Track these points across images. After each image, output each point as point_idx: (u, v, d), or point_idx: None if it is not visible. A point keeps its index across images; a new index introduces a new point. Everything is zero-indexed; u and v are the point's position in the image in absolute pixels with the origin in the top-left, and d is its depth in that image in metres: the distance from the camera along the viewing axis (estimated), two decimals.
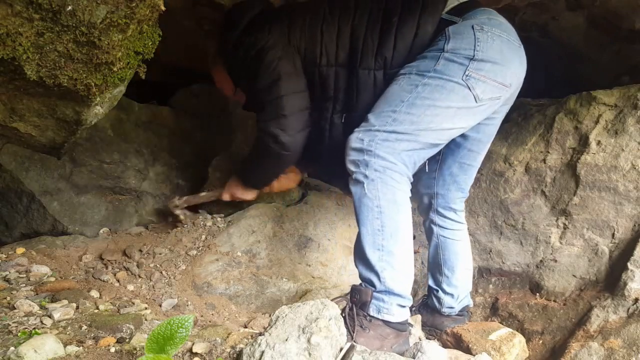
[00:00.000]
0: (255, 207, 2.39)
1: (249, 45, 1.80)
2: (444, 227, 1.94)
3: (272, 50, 1.75)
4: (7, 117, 1.58)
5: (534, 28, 2.56)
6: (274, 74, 1.75)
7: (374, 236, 1.51)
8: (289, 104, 1.77)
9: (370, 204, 1.52)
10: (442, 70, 1.55)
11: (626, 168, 2.04)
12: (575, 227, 2.15)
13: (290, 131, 1.80)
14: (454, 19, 1.64)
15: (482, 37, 1.57)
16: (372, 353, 1.23)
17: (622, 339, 1.73)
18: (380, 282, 1.49)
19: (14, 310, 1.43)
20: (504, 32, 1.63)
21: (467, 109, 1.59)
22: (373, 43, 1.69)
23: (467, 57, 1.55)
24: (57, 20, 1.22)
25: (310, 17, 1.79)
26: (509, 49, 1.63)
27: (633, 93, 2.10)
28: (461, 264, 1.92)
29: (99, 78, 1.42)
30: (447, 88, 1.54)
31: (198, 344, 1.26)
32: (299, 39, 1.77)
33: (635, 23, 2.25)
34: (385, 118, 1.56)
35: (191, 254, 2.16)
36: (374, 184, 1.51)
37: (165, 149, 2.71)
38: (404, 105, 1.55)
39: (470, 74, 1.54)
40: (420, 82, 1.56)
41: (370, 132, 1.55)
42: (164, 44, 1.58)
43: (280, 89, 1.76)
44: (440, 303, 1.91)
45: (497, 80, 1.59)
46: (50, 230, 2.34)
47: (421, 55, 1.64)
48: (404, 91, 1.58)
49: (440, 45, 1.59)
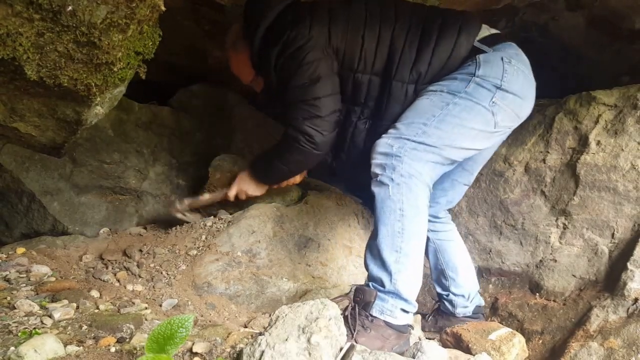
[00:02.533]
0: (255, 207, 2.39)
1: (288, 39, 1.76)
2: (436, 230, 2.00)
3: (313, 51, 1.74)
4: (7, 117, 1.58)
5: (534, 28, 2.57)
6: (314, 75, 1.75)
7: (394, 238, 1.54)
8: (325, 105, 1.77)
9: (393, 206, 1.56)
10: (472, 93, 1.64)
11: (626, 168, 2.04)
12: (575, 227, 2.15)
13: (325, 132, 1.80)
14: (485, 49, 1.72)
15: (510, 69, 1.67)
16: (372, 353, 1.23)
17: (622, 339, 1.73)
18: (390, 283, 1.51)
19: (14, 310, 1.42)
20: (526, 68, 1.75)
21: (486, 132, 1.69)
22: (410, 56, 1.74)
23: (495, 85, 1.65)
24: (57, 20, 1.22)
25: (352, 21, 1.78)
26: (529, 85, 1.75)
27: (633, 93, 2.10)
28: (462, 262, 1.98)
29: (99, 78, 1.42)
30: (475, 110, 1.64)
31: (198, 344, 1.26)
32: (340, 42, 1.77)
33: (635, 23, 2.26)
34: (416, 129, 1.63)
35: (191, 254, 2.16)
36: (399, 187, 1.56)
37: (165, 149, 2.71)
38: (435, 120, 1.63)
39: (496, 101, 1.65)
40: (452, 100, 1.65)
41: (401, 140, 1.62)
42: (164, 44, 1.58)
43: (319, 91, 1.76)
44: (453, 305, 1.95)
45: (515, 111, 1.71)
46: (50, 230, 2.34)
47: (450, 77, 1.71)
48: (435, 107, 1.66)
49: (471, 70, 1.68)
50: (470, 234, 2.47)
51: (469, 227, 2.46)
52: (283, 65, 1.79)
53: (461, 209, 2.50)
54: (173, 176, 2.73)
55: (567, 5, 2.38)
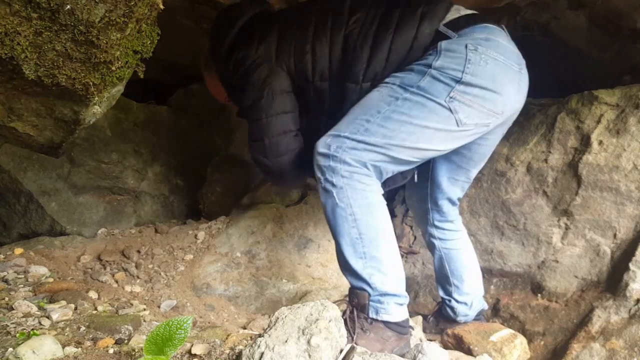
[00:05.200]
0: (255, 208, 2.38)
1: (236, 62, 1.70)
2: (444, 238, 1.93)
3: (259, 69, 1.65)
4: (5, 116, 1.57)
5: (535, 27, 2.56)
6: (257, 94, 1.65)
7: (354, 245, 1.47)
8: (270, 126, 1.66)
9: (343, 213, 1.46)
10: (426, 88, 1.47)
11: (628, 168, 2.03)
12: (577, 228, 2.14)
13: (271, 157, 1.69)
14: (450, 34, 1.52)
15: (475, 58, 1.47)
16: (373, 354, 1.22)
17: (624, 340, 1.72)
18: (372, 289, 1.46)
19: (12, 311, 1.42)
20: (502, 54, 1.51)
21: (447, 132, 1.50)
22: (362, 55, 1.58)
23: (454, 79, 1.45)
24: (55, 19, 1.21)
25: (299, 33, 1.67)
26: (504, 74, 1.52)
27: (635, 93, 2.09)
28: (469, 272, 1.91)
29: (97, 77, 1.41)
30: (428, 107, 1.46)
31: (197, 345, 1.25)
32: (288, 58, 1.66)
33: (637, 22, 2.25)
34: (357, 126, 1.49)
35: (190, 255, 2.15)
36: (344, 191, 1.46)
37: (163, 149, 2.70)
38: (379, 117, 1.47)
39: (455, 97, 1.45)
40: (401, 95, 1.48)
41: (339, 139, 1.49)
42: (163, 43, 1.57)
43: (262, 110, 1.65)
44: (455, 312, 1.91)
45: (485, 106, 1.50)
46: (48, 230, 2.33)
47: (408, 67, 1.54)
48: (382, 102, 1.50)
49: (429, 61, 1.49)
50: (472, 235, 2.46)
51: (471, 228, 2.45)
52: (235, 85, 1.74)
53: (463, 210, 2.49)
54: (171, 176, 2.72)
55: (568, 4, 2.37)
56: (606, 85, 2.22)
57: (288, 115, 1.68)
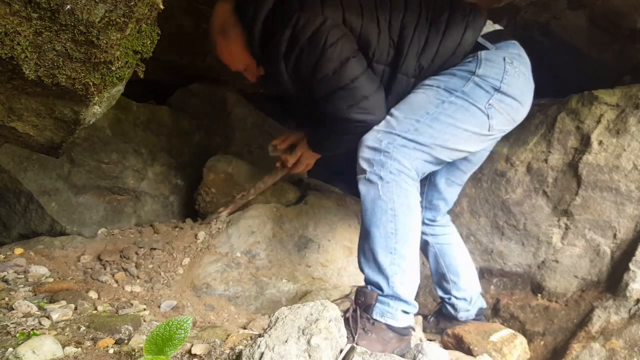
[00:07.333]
0: (255, 208, 2.38)
1: (299, 23, 1.54)
2: (436, 234, 1.98)
3: (333, 31, 1.53)
4: (5, 116, 1.57)
5: (535, 27, 2.56)
6: (342, 56, 1.55)
7: (387, 239, 1.50)
8: (366, 83, 1.59)
9: (384, 206, 1.51)
10: (469, 93, 1.57)
11: (628, 168, 2.03)
12: (576, 228, 2.14)
13: (377, 111, 1.61)
14: (488, 45, 1.64)
15: (511, 71, 1.60)
16: (373, 354, 1.22)
17: (624, 340, 1.72)
18: (388, 286, 1.48)
19: (12, 311, 1.41)
20: (527, 70, 1.68)
21: (479, 135, 1.62)
22: (418, 49, 1.62)
23: (493, 87, 1.58)
24: (55, 19, 1.21)
25: (365, 4, 1.61)
26: (528, 88, 1.69)
27: (635, 93, 2.09)
28: (463, 265, 1.95)
29: (97, 77, 1.41)
30: (470, 111, 1.57)
31: (197, 345, 1.25)
32: (355, 23, 1.58)
33: (636, 22, 2.25)
34: (408, 125, 1.56)
35: (190, 255, 2.15)
36: (389, 186, 1.51)
37: (164, 149, 2.70)
38: (428, 118, 1.56)
39: (493, 104, 1.58)
40: (447, 99, 1.58)
41: (391, 135, 1.55)
42: (163, 43, 1.57)
43: (353, 71, 1.56)
44: (456, 309, 1.93)
45: (511, 115, 1.65)
46: (48, 230, 2.32)
47: (449, 72, 1.63)
48: (430, 104, 1.58)
49: (471, 68, 1.61)
50: (472, 235, 2.46)
51: (471, 228, 2.45)
52: (300, 56, 1.58)
53: (463, 210, 2.49)
54: (172, 176, 2.72)
55: (568, 4, 2.37)
56: (606, 85, 2.22)
57: (369, 70, 1.63)
